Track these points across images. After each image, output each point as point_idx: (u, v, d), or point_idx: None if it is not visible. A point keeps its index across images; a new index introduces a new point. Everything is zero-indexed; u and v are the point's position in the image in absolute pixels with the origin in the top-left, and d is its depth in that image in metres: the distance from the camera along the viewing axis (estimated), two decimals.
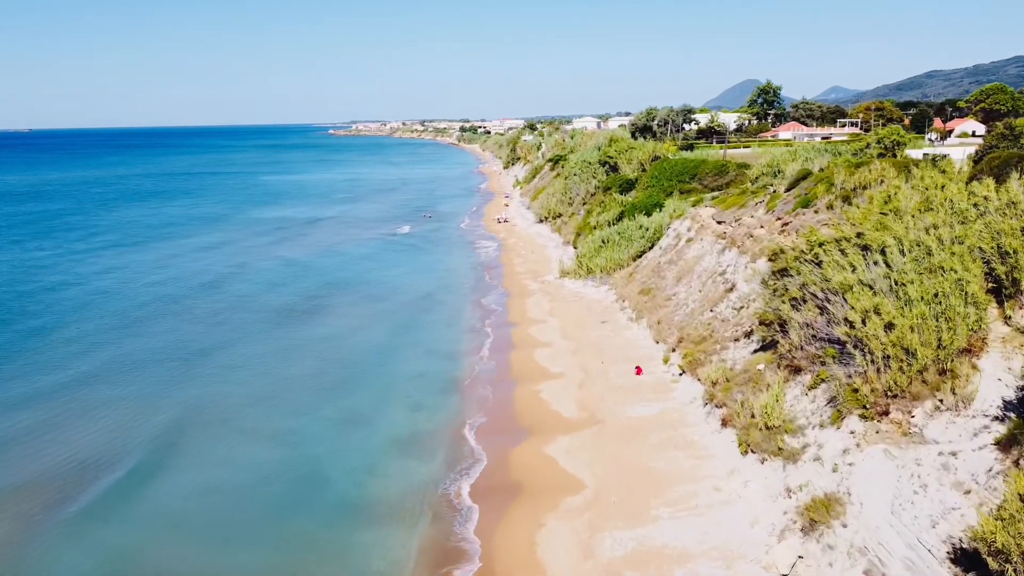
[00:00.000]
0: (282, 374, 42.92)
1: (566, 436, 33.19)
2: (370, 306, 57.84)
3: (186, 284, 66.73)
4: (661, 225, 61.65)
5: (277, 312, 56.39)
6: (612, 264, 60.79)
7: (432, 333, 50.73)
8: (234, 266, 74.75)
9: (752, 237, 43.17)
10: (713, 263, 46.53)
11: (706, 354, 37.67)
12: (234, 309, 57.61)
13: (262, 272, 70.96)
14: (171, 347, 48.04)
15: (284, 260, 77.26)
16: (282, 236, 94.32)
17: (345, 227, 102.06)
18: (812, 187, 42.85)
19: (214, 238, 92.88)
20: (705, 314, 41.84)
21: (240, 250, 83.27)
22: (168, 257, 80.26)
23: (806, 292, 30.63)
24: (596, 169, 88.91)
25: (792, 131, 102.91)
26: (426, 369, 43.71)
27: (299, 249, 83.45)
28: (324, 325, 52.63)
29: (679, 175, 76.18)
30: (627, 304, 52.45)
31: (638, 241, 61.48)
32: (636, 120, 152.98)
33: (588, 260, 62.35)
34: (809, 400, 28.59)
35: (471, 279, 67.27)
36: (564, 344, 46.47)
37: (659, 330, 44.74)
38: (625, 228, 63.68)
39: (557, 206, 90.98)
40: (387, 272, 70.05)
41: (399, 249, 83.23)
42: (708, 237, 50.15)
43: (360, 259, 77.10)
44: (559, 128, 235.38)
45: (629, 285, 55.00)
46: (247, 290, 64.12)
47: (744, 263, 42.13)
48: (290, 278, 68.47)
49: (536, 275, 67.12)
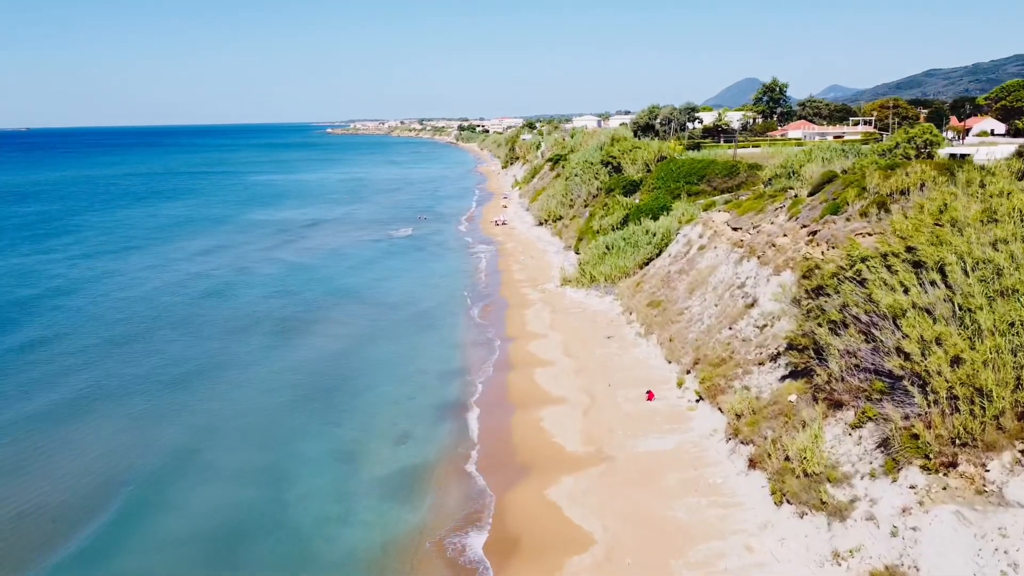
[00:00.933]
0: (266, 401, 38.88)
1: (571, 476, 29.23)
2: (361, 320, 53.81)
3: (172, 296, 62.74)
4: (669, 230, 57.72)
5: (265, 327, 52.40)
6: (617, 272, 56.84)
7: (425, 350, 46.74)
8: (218, 275, 70.72)
9: (775, 247, 39.21)
10: (730, 274, 42.57)
11: (726, 379, 33.71)
12: (219, 324, 53.62)
13: (252, 282, 66.83)
14: (154, 370, 44.00)
15: (274, 268, 73.21)
16: (273, 241, 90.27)
17: (338, 230, 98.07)
18: (840, 191, 38.90)
19: (199, 243, 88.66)
20: (723, 332, 37.87)
21: (227, 258, 79.04)
22: (152, 266, 76.23)
23: (847, 314, 26.71)
24: (598, 170, 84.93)
25: (802, 130, 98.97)
26: (417, 392, 39.74)
27: (289, 255, 79.41)
28: (312, 343, 48.57)
29: (686, 176, 72.22)
30: (634, 317, 48.50)
31: (645, 247, 57.53)
32: (638, 119, 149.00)
33: (591, 268, 58.40)
34: (854, 442, 24.64)
35: (467, 288, 63.28)
36: (567, 363, 42.51)
37: (671, 348, 40.77)
38: (631, 233, 59.73)
39: (557, 208, 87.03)
40: (380, 281, 66.03)
41: (393, 254, 79.25)
42: (723, 245, 46.19)
43: (353, 266, 73.00)
44: (558, 127, 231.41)
45: (636, 296, 51.04)
46: (233, 303, 60.14)
47: (766, 275, 38.18)
48: (279, 289, 64.45)
49: (536, 283, 63.15)
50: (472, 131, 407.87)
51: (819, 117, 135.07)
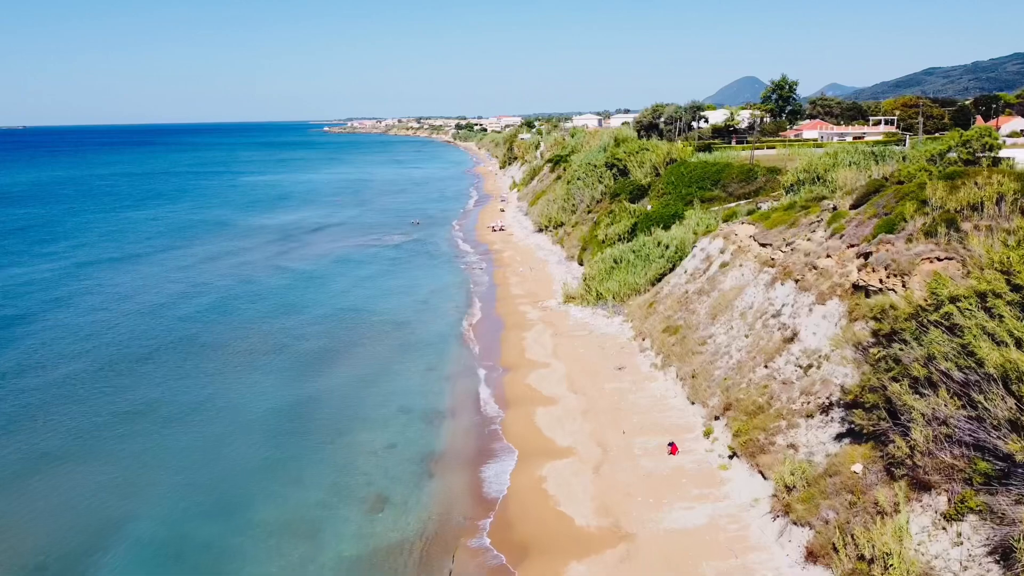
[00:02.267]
0: (221, 452, 33.18)
1: (582, 563, 23.60)
2: (340, 347, 48.09)
3: (130, 318, 57.07)
4: (684, 242, 52.09)
5: (236, 356, 46.72)
6: (627, 289, 51.22)
7: (410, 383, 41.05)
8: (185, 295, 64.90)
9: (816, 269, 33.55)
10: (760, 299, 36.93)
11: (766, 433, 28.07)
12: (178, 353, 48.04)
13: (226, 300, 60.89)
14: (100, 409, 38.41)
15: (253, 282, 67.36)
16: (256, 251, 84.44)
17: (325, 238, 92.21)
18: (894, 205, 33.26)
19: (184, 255, 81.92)
20: (758, 371, 32.23)
21: (200, 273, 72.78)
22: (136, 281, 70.49)
23: (934, 369, 21.10)
24: (602, 173, 79.25)
25: (818, 130, 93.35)
26: (398, 439, 34.07)
27: (272, 268, 73.49)
28: (282, 376, 42.84)
29: (699, 181, 66.61)
30: (648, 344, 42.86)
31: (657, 261, 51.91)
32: (641, 117, 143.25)
33: (598, 284, 52.74)
34: (951, 540, 19.04)
35: (459, 305, 57.59)
36: (572, 401, 36.87)
37: (694, 386, 35.12)
38: (641, 245, 54.09)
39: (558, 214, 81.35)
40: (366, 300, 60.21)
41: (382, 267, 73.40)
42: (750, 263, 40.55)
43: (337, 282, 66.87)
44: (557, 126, 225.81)
45: (650, 318, 45.37)
46: (200, 326, 54.44)
47: (807, 303, 32.55)
48: (258, 308, 58.69)
49: (535, 299, 57.48)
50: (470, 130, 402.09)
51: (830, 116, 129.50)
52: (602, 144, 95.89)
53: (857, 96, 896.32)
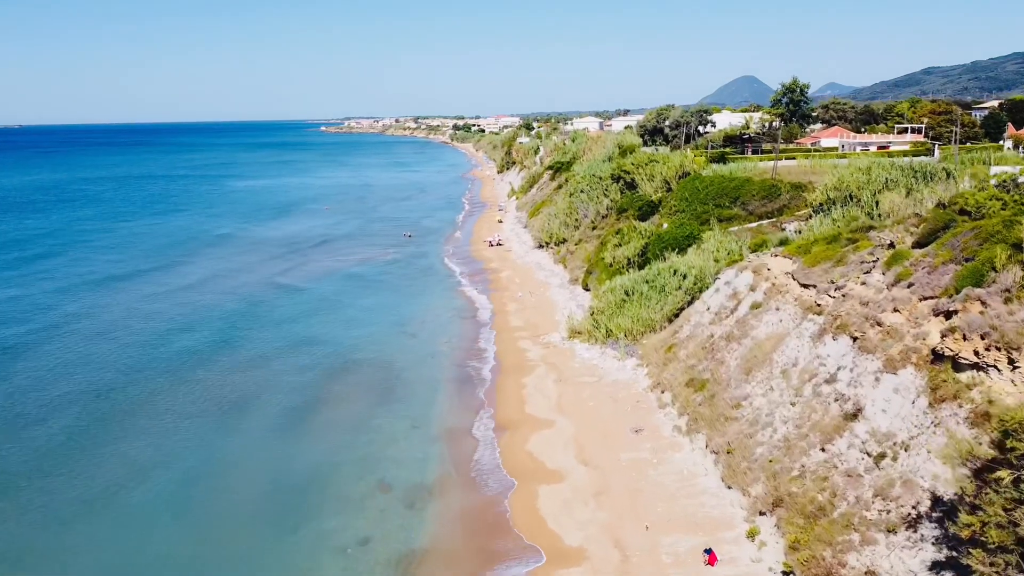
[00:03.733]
0: (148, 549, 27.29)
1: None
2: (311, 393, 42.16)
3: (93, 354, 51.18)
4: (703, 271, 46.19)
5: (198, 404, 40.95)
6: (640, 326, 45.32)
7: (389, 448, 35.09)
8: (142, 335, 58.89)
9: (880, 326, 27.61)
10: (807, 354, 31.01)
11: (833, 549, 22.16)
12: (139, 397, 42.27)
13: (192, 336, 54.52)
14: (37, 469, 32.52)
15: (225, 308, 61.22)
16: (232, 273, 78.30)
17: (312, 255, 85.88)
18: (975, 247, 27.36)
19: (134, 284, 73.89)
20: (812, 454, 26.30)
21: (165, 301, 66.08)
22: (84, 308, 64.52)
23: None
24: (608, 185, 73.30)
25: (838, 138, 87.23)
26: (373, 530, 28.13)
27: (247, 293, 67.09)
28: (245, 436, 36.93)
29: (716, 197, 60.67)
30: (669, 399, 36.94)
31: (674, 294, 46.00)
32: (645, 122, 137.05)
33: (607, 319, 46.81)
34: None
35: (451, 339, 51.63)
36: (582, 476, 30.96)
37: (730, 465, 29.19)
38: (654, 275, 48.15)
39: (560, 230, 75.37)
40: (346, 329, 54.24)
41: (367, 289, 67.16)
42: (789, 307, 34.63)
43: (318, 307, 60.46)
44: (557, 128, 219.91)
45: (669, 366, 39.43)
46: (159, 361, 48.62)
47: (872, 369, 26.63)
48: (220, 339, 52.70)
49: (537, 332, 51.55)
50: (467, 131, 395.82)
51: (844, 121, 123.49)
52: (606, 153, 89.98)
53: (856, 96, 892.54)
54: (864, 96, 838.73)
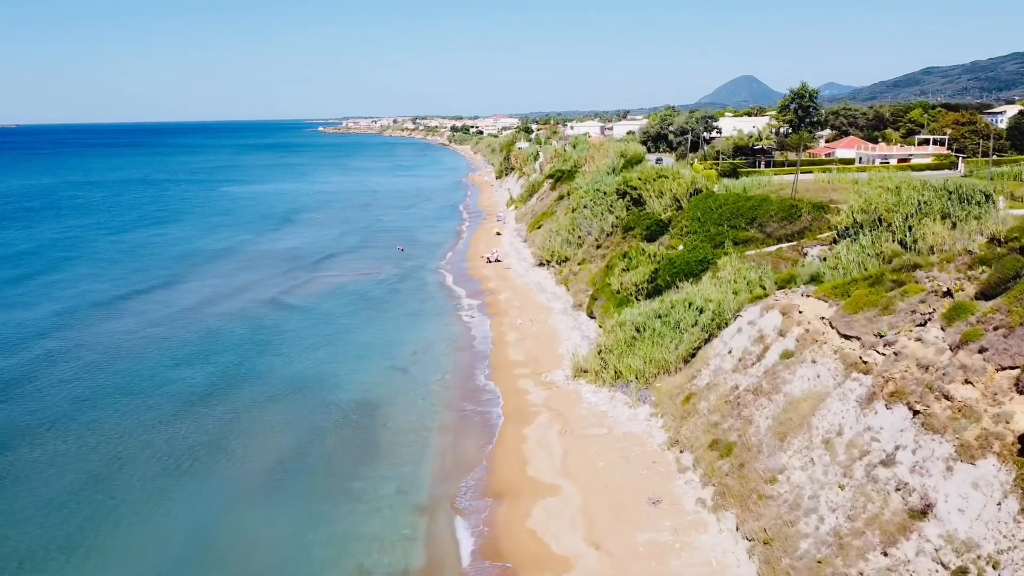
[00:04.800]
0: None
1: None
2: (286, 446, 37.82)
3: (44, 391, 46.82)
4: (722, 305, 41.85)
5: (151, 463, 36.56)
6: (653, 367, 40.98)
7: (371, 519, 30.76)
8: (99, 351, 54.55)
9: (950, 401, 23.28)
10: (853, 422, 26.70)
11: None
12: (86, 446, 37.90)
13: (145, 372, 50.55)
14: None
15: (192, 340, 56.62)
16: (207, 291, 74.01)
17: (293, 270, 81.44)
18: None
19: (106, 315, 69.05)
20: (872, 557, 21.96)
21: (128, 331, 61.96)
22: (65, 343, 60.09)
23: None
24: (613, 201, 68.95)
25: (854, 149, 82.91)
26: None
27: (220, 316, 62.55)
28: (198, 509, 32.58)
29: (731, 218, 56.37)
30: (689, 460, 32.63)
31: (690, 331, 41.64)
32: (648, 127, 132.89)
33: (616, 359, 42.47)
34: None
35: (444, 375, 47.29)
36: (592, 563, 26.66)
37: (768, 560, 24.84)
38: (667, 308, 43.80)
39: (562, 248, 71.02)
40: (325, 365, 49.65)
41: (353, 315, 62.25)
42: (828, 360, 30.30)
43: (295, 337, 55.40)
44: (556, 131, 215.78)
45: (689, 421, 35.09)
46: (103, 405, 44.25)
47: (943, 455, 22.32)
48: (190, 382, 48.29)
49: (538, 367, 47.26)
50: (465, 132, 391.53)
51: (855, 128, 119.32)
52: (610, 164, 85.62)
53: (856, 95, 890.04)
54: (864, 96, 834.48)
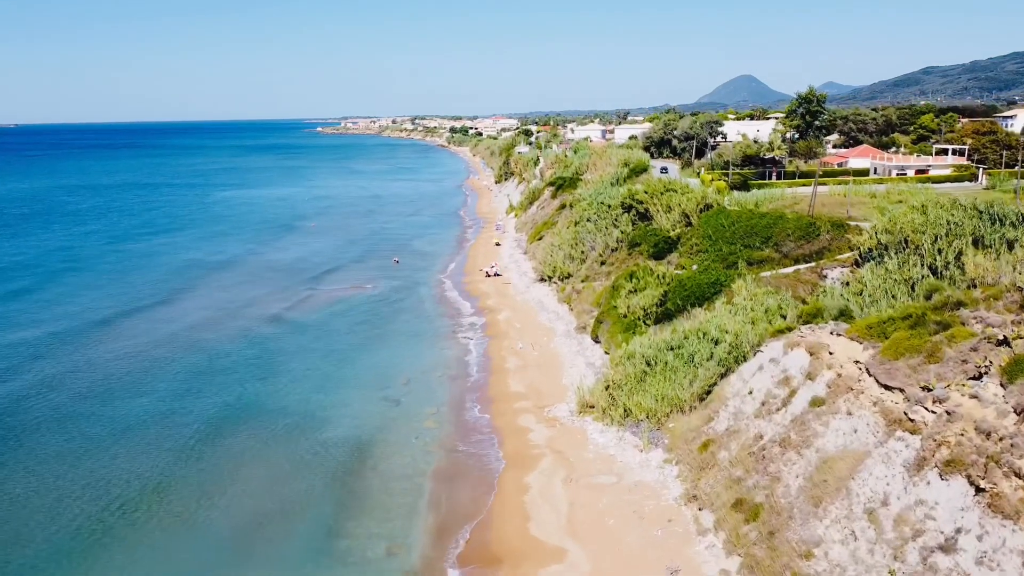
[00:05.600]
0: None
1: None
2: (266, 494, 34.67)
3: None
4: (739, 336, 38.73)
5: (113, 517, 33.48)
6: (666, 405, 37.83)
7: None
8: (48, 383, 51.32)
9: (1019, 477, 20.14)
10: (900, 490, 23.57)
11: None
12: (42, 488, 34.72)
13: (127, 396, 47.46)
14: None
15: (175, 368, 53.48)
16: (191, 311, 70.82)
17: (279, 284, 77.98)
18: None
19: (78, 342, 67.41)
20: None
21: (95, 358, 59.28)
22: (55, 372, 56.80)
23: None
24: (618, 215, 65.83)
25: (869, 158, 79.64)
26: None
27: (212, 339, 59.27)
28: (157, 552, 29.47)
29: (744, 237, 53.25)
30: (710, 521, 29.48)
31: (705, 364, 38.50)
32: (651, 132, 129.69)
33: (626, 396, 39.33)
34: None
35: (440, 410, 44.09)
36: None
37: None
38: (680, 340, 40.68)
39: (564, 263, 67.85)
40: (312, 396, 46.44)
41: (341, 336, 58.76)
42: (866, 413, 27.18)
43: (279, 363, 51.57)
44: (557, 134, 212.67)
45: (708, 471, 31.93)
46: (70, 444, 41.11)
47: (1015, 547, 19.18)
48: (171, 418, 45.10)
49: (541, 401, 44.12)
50: (464, 133, 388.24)
51: (864, 133, 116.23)
52: (614, 173, 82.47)
53: (856, 95, 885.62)
54: (864, 96, 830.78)
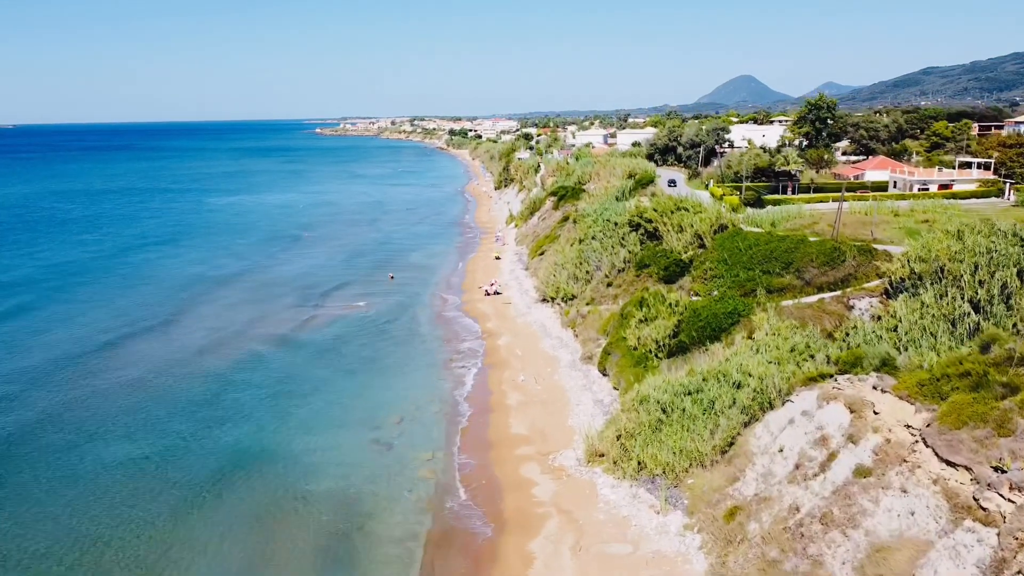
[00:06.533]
0: None
1: None
2: (237, 559, 30.94)
3: None
4: (764, 380, 35.10)
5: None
6: (684, 459, 34.17)
7: None
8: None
9: None
10: None
11: None
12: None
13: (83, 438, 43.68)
14: None
15: (151, 406, 49.78)
16: (190, 333, 67.05)
17: (279, 306, 74.29)
18: None
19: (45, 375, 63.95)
20: None
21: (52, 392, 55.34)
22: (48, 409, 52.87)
23: None
24: (625, 233, 62.17)
25: (887, 171, 76.05)
26: None
27: (192, 374, 55.19)
28: None
29: (763, 261, 49.59)
30: None
31: (727, 413, 34.87)
32: (656, 139, 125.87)
33: (640, 446, 35.65)
34: None
35: (436, 456, 40.39)
36: None
37: None
38: (699, 383, 37.04)
39: (568, 284, 64.15)
40: (300, 432, 43.05)
41: (327, 366, 54.80)
42: (924, 493, 23.54)
43: (255, 399, 47.61)
44: (557, 138, 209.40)
45: (737, 547, 28.26)
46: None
47: None
48: (143, 464, 41.44)
49: (545, 446, 40.47)
50: (464, 136, 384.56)
51: (876, 141, 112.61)
52: (619, 186, 78.77)
53: (856, 95, 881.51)
54: (863, 96, 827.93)
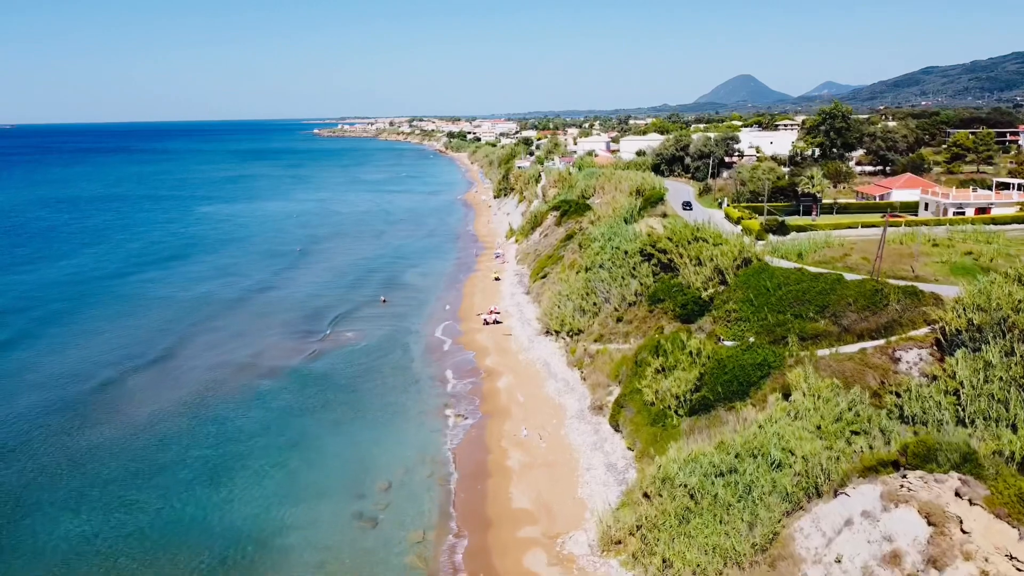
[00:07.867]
0: None
1: None
2: None
3: None
4: (809, 461, 29.99)
5: None
6: (718, 559, 29.05)
7: None
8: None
9: None
10: None
11: None
12: None
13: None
14: None
15: (108, 460, 44.74)
16: (163, 376, 61.95)
17: (265, 340, 68.63)
18: None
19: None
20: None
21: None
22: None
23: None
24: (636, 263, 57.02)
25: (918, 191, 70.81)
26: None
27: (142, 420, 50.69)
28: None
29: (794, 304, 44.44)
30: None
31: (766, 501, 29.77)
32: (662, 148, 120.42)
33: (665, 540, 30.52)
34: None
35: (427, 535, 35.36)
36: None
37: None
38: (732, 463, 31.91)
39: (574, 316, 58.95)
40: (275, 502, 38.10)
41: (318, 407, 50.19)
42: None
43: (240, 457, 43.48)
44: (557, 143, 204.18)
45: None
46: None
47: None
48: (90, 544, 36.40)
49: (553, 527, 35.37)
50: (462, 138, 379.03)
51: (894, 152, 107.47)
52: (626, 207, 73.47)
53: (855, 94, 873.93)
54: (864, 96, 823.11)
